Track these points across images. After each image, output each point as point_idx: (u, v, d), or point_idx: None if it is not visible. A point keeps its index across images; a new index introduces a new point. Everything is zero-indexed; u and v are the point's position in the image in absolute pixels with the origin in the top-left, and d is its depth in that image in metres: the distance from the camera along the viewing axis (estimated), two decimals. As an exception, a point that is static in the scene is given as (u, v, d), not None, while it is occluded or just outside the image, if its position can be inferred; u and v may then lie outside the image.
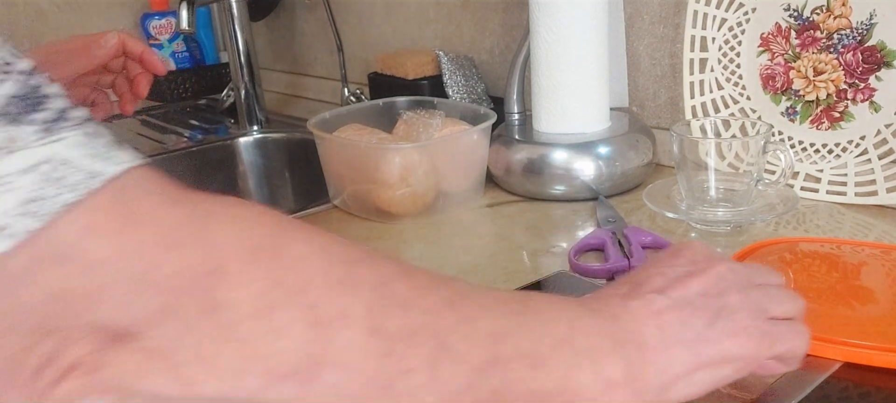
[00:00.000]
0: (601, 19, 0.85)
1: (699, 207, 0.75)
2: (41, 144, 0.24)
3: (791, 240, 0.67)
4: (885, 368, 0.48)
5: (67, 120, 0.25)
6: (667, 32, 0.92)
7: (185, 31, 1.07)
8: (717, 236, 0.73)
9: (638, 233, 0.71)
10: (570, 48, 0.84)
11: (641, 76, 0.96)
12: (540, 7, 0.84)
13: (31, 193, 0.23)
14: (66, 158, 0.24)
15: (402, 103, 0.98)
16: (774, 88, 0.83)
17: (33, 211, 0.23)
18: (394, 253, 0.75)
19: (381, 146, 0.84)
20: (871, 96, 0.76)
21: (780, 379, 0.49)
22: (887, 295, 0.57)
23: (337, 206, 0.90)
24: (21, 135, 0.24)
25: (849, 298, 0.56)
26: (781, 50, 0.82)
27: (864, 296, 0.56)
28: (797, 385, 0.48)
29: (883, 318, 0.54)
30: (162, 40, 1.65)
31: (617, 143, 0.85)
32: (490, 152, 0.89)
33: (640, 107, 0.97)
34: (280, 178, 1.35)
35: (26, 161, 0.23)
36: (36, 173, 0.24)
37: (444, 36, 1.21)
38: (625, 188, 0.86)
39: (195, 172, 1.27)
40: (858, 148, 0.77)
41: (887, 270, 0.61)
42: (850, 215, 0.75)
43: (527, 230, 0.79)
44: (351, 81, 1.34)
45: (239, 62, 1.32)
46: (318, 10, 1.44)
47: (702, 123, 0.78)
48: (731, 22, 0.84)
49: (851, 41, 0.76)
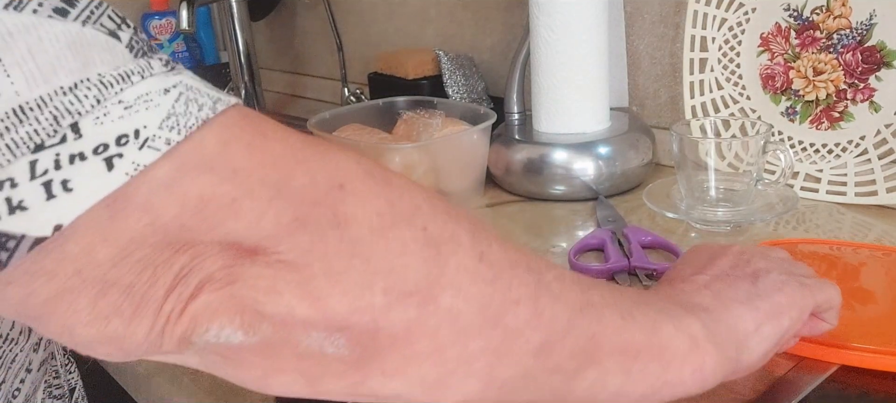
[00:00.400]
0: (601, 19, 0.85)
1: (699, 207, 0.75)
2: (170, 73, 0.26)
3: (790, 242, 0.67)
4: (884, 371, 0.48)
5: (177, 62, 0.27)
6: (667, 32, 0.92)
7: (185, 30, 1.07)
8: (717, 236, 0.73)
9: (638, 233, 0.71)
10: (570, 48, 0.84)
11: (641, 76, 0.96)
12: (540, 7, 0.84)
13: (170, 110, 0.25)
14: (192, 85, 0.26)
15: (402, 103, 0.98)
16: (774, 88, 0.83)
17: (173, 125, 0.24)
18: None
19: (381, 146, 0.84)
20: (870, 96, 0.76)
21: (780, 379, 0.49)
22: (886, 296, 0.57)
23: (337, 206, 0.90)
24: (153, 64, 0.25)
25: (848, 300, 0.56)
26: (781, 50, 0.82)
27: (862, 298, 0.56)
28: (797, 386, 0.48)
29: (882, 320, 0.54)
30: (162, 40, 1.65)
31: (617, 143, 0.85)
32: (490, 152, 0.89)
33: (640, 107, 0.97)
34: (280, 178, 1.35)
35: (162, 84, 0.25)
36: (172, 94, 0.25)
37: (445, 35, 1.21)
38: (625, 188, 0.86)
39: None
40: (858, 148, 0.77)
41: (886, 271, 0.61)
42: (849, 215, 0.75)
43: (527, 230, 0.79)
44: (351, 81, 1.34)
45: (239, 62, 1.32)
46: (318, 10, 1.44)
47: (702, 123, 0.78)
48: (731, 22, 0.84)
49: (851, 41, 0.76)
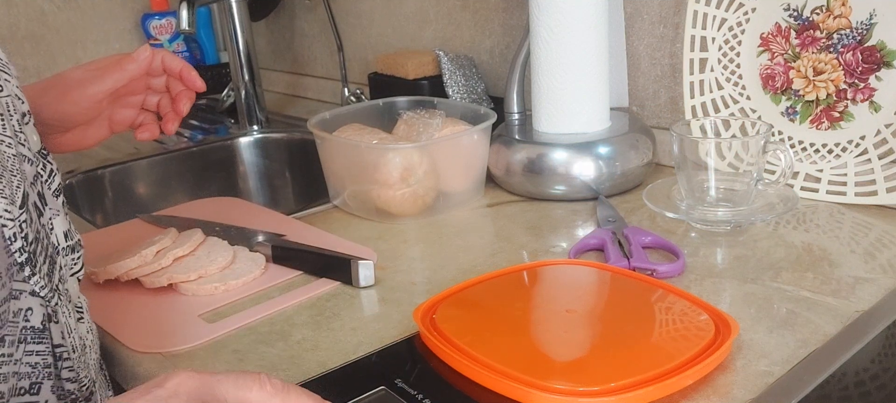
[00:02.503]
0: (601, 19, 0.85)
1: (699, 207, 0.75)
2: None
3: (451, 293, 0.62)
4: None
5: None
6: (667, 32, 0.92)
7: (185, 31, 1.07)
8: (717, 236, 0.73)
9: (638, 233, 0.71)
10: (570, 48, 0.84)
11: (641, 76, 0.96)
12: (540, 7, 0.84)
13: None
14: None
15: (402, 103, 0.98)
16: (774, 88, 0.83)
17: None
18: (394, 254, 0.75)
19: (381, 146, 0.84)
20: (870, 96, 0.76)
21: (780, 379, 0.49)
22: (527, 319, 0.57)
23: (337, 206, 0.90)
24: None
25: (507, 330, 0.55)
26: (781, 50, 0.82)
27: (515, 326, 0.55)
28: (797, 386, 0.48)
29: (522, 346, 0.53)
30: (162, 40, 1.65)
31: (617, 143, 0.85)
32: (490, 152, 0.89)
33: (640, 107, 0.97)
34: (280, 178, 1.35)
35: None
36: None
37: (444, 36, 1.21)
38: (625, 188, 0.86)
39: (195, 172, 1.27)
40: (858, 148, 0.77)
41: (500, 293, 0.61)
42: (849, 215, 0.75)
43: (527, 230, 0.79)
44: (351, 81, 1.34)
45: (239, 62, 1.32)
46: (318, 10, 1.44)
47: (702, 123, 0.78)
48: (731, 22, 0.84)
49: (851, 41, 0.76)
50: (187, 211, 0.92)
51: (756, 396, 0.47)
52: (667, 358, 0.49)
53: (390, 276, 0.70)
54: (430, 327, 0.55)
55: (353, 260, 0.67)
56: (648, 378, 0.47)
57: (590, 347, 0.53)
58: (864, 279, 0.62)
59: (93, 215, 1.16)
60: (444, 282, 0.67)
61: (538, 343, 0.54)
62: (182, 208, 0.95)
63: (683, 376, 0.47)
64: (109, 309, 0.66)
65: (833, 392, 0.47)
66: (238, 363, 0.57)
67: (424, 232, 0.81)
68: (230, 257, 0.73)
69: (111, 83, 0.65)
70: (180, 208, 0.95)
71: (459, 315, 0.57)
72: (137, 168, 1.22)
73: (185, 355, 0.59)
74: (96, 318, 0.64)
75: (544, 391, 0.46)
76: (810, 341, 0.53)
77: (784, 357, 0.51)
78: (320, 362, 0.56)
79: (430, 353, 0.54)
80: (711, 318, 0.53)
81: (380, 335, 0.59)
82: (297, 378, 0.53)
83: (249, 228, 0.81)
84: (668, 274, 0.64)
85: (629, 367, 0.48)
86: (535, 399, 0.46)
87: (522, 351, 0.52)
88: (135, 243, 0.74)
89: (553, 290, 0.63)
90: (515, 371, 0.48)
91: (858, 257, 0.66)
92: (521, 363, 0.49)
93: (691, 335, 0.52)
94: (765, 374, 0.50)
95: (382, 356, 0.55)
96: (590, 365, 0.50)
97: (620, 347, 0.51)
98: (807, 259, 0.66)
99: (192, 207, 0.95)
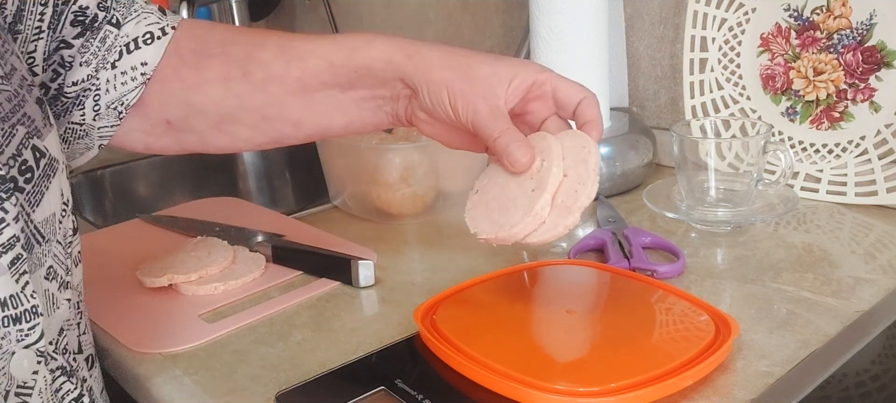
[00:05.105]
0: (601, 20, 0.85)
1: (699, 207, 0.75)
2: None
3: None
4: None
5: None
6: (667, 33, 0.92)
7: (185, 31, 1.07)
8: (717, 236, 0.73)
9: (638, 234, 0.71)
10: (570, 48, 0.84)
11: (641, 76, 0.96)
12: (540, 7, 0.84)
13: None
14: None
15: (402, 103, 0.98)
16: (774, 88, 0.83)
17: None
18: (394, 254, 0.75)
19: (381, 146, 0.84)
20: (871, 96, 0.76)
21: (780, 380, 0.49)
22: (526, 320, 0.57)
23: (337, 207, 0.90)
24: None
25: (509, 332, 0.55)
26: (781, 50, 0.82)
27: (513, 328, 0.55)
28: (797, 386, 0.48)
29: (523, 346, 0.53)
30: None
31: (617, 143, 0.85)
32: (490, 152, 0.89)
33: (640, 108, 0.97)
34: (280, 178, 1.35)
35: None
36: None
37: (444, 36, 1.21)
38: (625, 188, 0.86)
39: (195, 172, 1.27)
40: (858, 148, 0.77)
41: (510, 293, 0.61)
42: (850, 215, 0.75)
43: (527, 230, 0.78)
44: (351, 81, 1.34)
45: (239, 62, 1.32)
46: (318, 10, 1.44)
47: (702, 123, 0.78)
48: (731, 22, 0.84)
49: (851, 41, 0.76)
50: (187, 211, 0.92)
51: (756, 396, 0.47)
52: (667, 359, 0.49)
53: (390, 276, 0.70)
54: (430, 327, 0.55)
55: (353, 260, 0.67)
56: (649, 378, 0.47)
57: (590, 347, 0.53)
58: (864, 279, 0.62)
59: (93, 215, 1.16)
60: (444, 283, 0.67)
61: (538, 343, 0.54)
62: (182, 208, 0.95)
63: (684, 376, 0.47)
64: (109, 309, 0.66)
65: (833, 392, 0.47)
66: (238, 363, 0.57)
67: (424, 232, 0.81)
68: (230, 257, 0.73)
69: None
70: (180, 208, 0.95)
71: (459, 315, 0.57)
72: (137, 168, 1.22)
73: (185, 355, 0.59)
74: (96, 318, 0.64)
75: (544, 391, 0.46)
76: (811, 341, 0.53)
77: (784, 358, 0.51)
78: (320, 362, 0.56)
79: (430, 353, 0.54)
80: (712, 319, 0.53)
81: (380, 335, 0.59)
82: (296, 378, 0.53)
83: (249, 228, 0.81)
84: (668, 275, 0.64)
85: (629, 367, 0.48)
86: (535, 399, 0.46)
87: (522, 352, 0.52)
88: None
89: (553, 291, 0.63)
90: (515, 372, 0.48)
91: (859, 257, 0.66)
92: (522, 363, 0.49)
93: (691, 335, 0.52)
94: (765, 375, 0.50)
95: (382, 356, 0.55)
96: (590, 366, 0.50)
97: (621, 347, 0.51)
98: (807, 259, 0.66)
99: (192, 207, 0.95)
